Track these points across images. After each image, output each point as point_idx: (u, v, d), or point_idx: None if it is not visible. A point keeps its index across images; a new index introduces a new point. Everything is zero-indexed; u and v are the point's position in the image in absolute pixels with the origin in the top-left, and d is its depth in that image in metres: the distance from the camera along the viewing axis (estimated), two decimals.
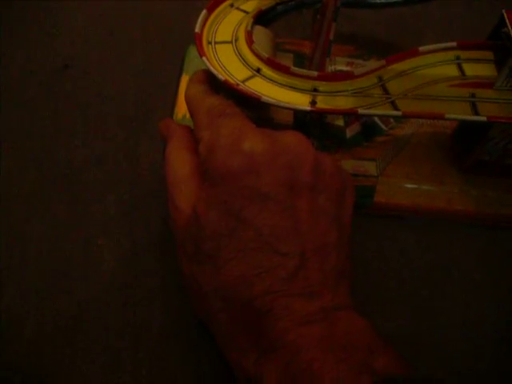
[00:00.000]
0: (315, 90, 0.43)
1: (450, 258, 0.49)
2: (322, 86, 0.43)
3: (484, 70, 0.45)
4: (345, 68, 0.56)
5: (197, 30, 0.46)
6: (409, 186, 0.50)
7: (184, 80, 0.54)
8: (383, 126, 0.53)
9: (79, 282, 0.44)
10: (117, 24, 0.59)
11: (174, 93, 0.52)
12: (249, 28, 0.47)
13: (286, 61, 0.50)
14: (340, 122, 0.52)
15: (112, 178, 0.49)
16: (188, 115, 0.50)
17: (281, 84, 0.44)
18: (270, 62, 0.44)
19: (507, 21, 0.43)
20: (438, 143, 0.52)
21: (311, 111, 0.42)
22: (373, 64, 0.44)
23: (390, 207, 0.49)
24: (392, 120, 0.53)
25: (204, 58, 0.45)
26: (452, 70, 0.45)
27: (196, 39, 0.46)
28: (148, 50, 0.57)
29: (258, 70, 0.44)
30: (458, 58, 0.45)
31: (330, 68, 0.55)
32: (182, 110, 0.52)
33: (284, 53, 0.52)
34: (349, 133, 0.52)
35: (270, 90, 0.44)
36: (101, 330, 0.42)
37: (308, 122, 0.50)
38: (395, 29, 0.62)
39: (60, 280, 0.44)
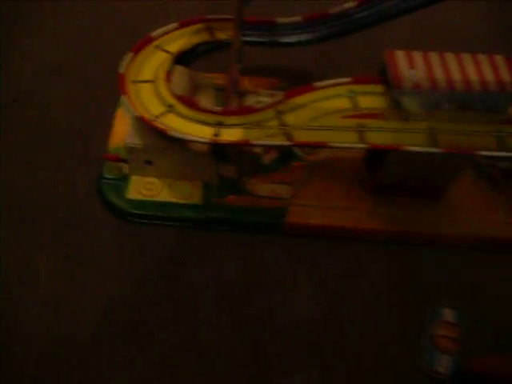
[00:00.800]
0: (219, 123, 0.49)
1: (358, 272, 0.53)
2: (226, 119, 0.49)
3: (375, 102, 0.50)
4: (268, 99, 0.61)
5: (121, 70, 0.52)
6: (320, 206, 0.55)
7: (119, 113, 0.59)
8: (300, 152, 0.58)
9: (17, 299, 0.49)
10: (63, 61, 0.65)
11: (110, 125, 0.58)
12: (167, 68, 0.52)
13: (208, 95, 0.56)
14: (258, 149, 0.56)
15: (50, 203, 0.55)
16: (128, 141, 0.55)
17: (190, 118, 0.49)
18: (181, 99, 0.50)
19: (386, 60, 0.48)
20: (350, 167, 0.57)
21: (210, 143, 0.47)
22: (274, 99, 0.49)
23: (301, 227, 0.54)
24: None
25: (125, 97, 0.50)
26: (345, 103, 0.50)
27: (119, 79, 0.52)
28: (90, 86, 0.63)
29: (172, 107, 0.50)
30: (351, 91, 0.50)
31: (253, 100, 0.61)
32: (115, 140, 0.57)
33: (206, 87, 0.57)
34: (266, 159, 0.57)
35: (181, 124, 0.49)
36: (30, 346, 0.47)
37: (227, 150, 0.55)
38: (322, 62, 0.67)
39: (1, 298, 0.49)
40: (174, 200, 0.54)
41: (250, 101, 0.61)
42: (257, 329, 0.50)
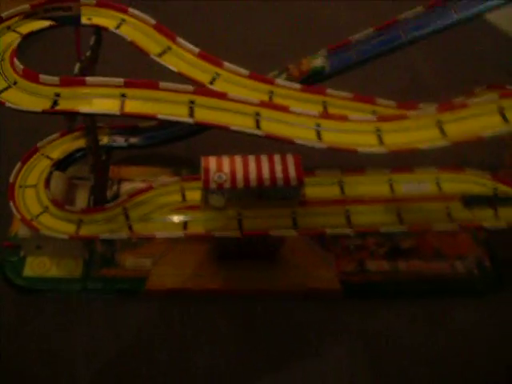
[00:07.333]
0: (81, 221, 0.64)
1: (207, 327, 0.68)
2: (85, 217, 0.64)
3: (198, 196, 0.65)
4: (140, 185, 0.76)
5: (11, 180, 0.68)
6: (174, 274, 0.70)
7: None
8: None
9: None
10: None
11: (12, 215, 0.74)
12: (45, 176, 0.68)
13: (84, 188, 0.71)
14: None
15: None
16: (19, 233, 0.71)
17: (59, 217, 0.65)
18: (53, 202, 0.65)
19: (202, 164, 0.63)
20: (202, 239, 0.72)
21: (70, 238, 0.62)
22: (120, 198, 0.65)
23: (158, 291, 0.69)
24: None
25: (11, 203, 0.66)
26: (176, 197, 0.65)
27: (9, 187, 0.67)
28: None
29: (47, 208, 0.65)
30: (182, 188, 0.66)
31: (129, 187, 0.76)
32: (15, 228, 0.73)
33: (83, 182, 0.73)
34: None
35: (53, 222, 0.64)
36: None
37: None
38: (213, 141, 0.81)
39: None
40: (60, 275, 0.70)
41: (126, 188, 0.77)
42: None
